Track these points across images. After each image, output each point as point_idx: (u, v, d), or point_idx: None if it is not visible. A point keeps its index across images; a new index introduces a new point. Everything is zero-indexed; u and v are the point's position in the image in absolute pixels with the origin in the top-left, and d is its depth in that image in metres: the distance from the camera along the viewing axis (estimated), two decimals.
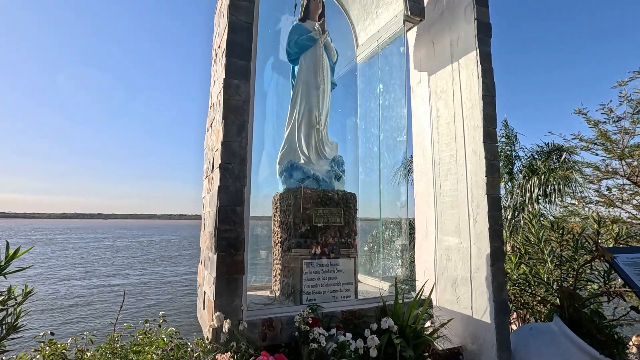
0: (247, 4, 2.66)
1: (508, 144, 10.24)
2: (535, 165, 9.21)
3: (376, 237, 4.33)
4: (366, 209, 4.07)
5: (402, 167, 4.93)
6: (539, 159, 9.58)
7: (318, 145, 3.27)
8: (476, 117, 3.27)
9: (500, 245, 3.11)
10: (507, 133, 10.58)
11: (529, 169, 9.13)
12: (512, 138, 10.66)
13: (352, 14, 4.30)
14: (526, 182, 8.69)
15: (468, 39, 3.39)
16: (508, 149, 10.57)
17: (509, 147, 10.61)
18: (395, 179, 4.20)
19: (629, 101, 6.94)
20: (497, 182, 3.21)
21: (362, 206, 4.02)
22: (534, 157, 10.09)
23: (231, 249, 2.42)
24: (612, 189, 7.97)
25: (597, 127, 7.48)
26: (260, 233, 3.64)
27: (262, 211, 3.58)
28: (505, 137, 10.59)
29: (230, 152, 2.48)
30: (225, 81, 2.53)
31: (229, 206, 2.45)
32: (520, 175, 9.25)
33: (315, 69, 3.29)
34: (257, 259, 3.73)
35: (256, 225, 3.57)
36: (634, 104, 6.85)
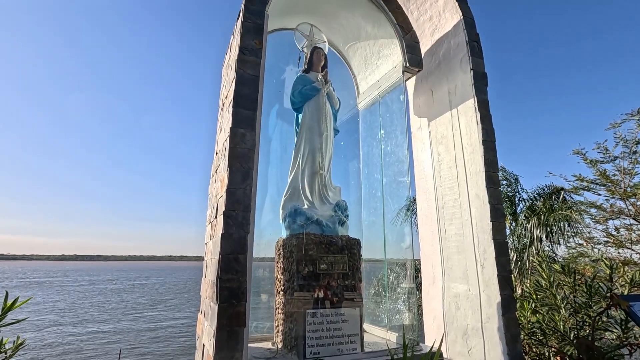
0: (254, 58, 2.81)
1: (509, 186, 10.29)
2: (536, 205, 9.17)
3: (382, 280, 4.21)
4: (371, 251, 4.00)
5: (404, 209, 4.92)
6: (540, 200, 9.56)
7: (321, 190, 3.29)
8: (477, 161, 3.31)
9: (510, 293, 3.01)
10: (506, 176, 10.67)
11: (529, 210, 9.07)
12: (512, 180, 10.74)
13: (353, 64, 4.51)
14: (527, 222, 8.61)
15: (465, 88, 3.52)
16: (509, 190, 10.60)
17: (510, 189, 10.64)
18: (398, 220, 4.17)
19: (624, 142, 7.05)
20: (503, 227, 3.17)
21: (367, 247, 3.95)
22: (535, 198, 10.09)
23: (233, 299, 2.35)
24: (620, 229, 7.85)
25: (596, 167, 7.53)
26: (261, 275, 3.55)
27: (264, 252, 3.53)
28: (505, 179, 10.67)
29: (234, 199, 2.49)
30: (232, 130, 2.61)
31: (232, 254, 2.41)
32: (522, 216, 9.17)
33: (319, 117, 3.40)
34: (259, 304, 3.61)
35: (258, 267, 3.50)
36: (630, 144, 6.95)
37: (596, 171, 7.57)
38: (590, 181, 8.10)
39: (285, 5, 3.69)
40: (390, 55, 3.92)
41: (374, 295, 4.54)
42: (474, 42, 3.55)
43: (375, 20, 3.82)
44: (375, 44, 4.05)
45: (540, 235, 8.73)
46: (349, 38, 4.27)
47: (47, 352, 14.69)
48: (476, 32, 3.60)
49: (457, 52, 3.64)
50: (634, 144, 7.00)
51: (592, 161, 7.60)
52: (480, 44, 3.59)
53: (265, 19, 2.96)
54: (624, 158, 7.10)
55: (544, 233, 8.79)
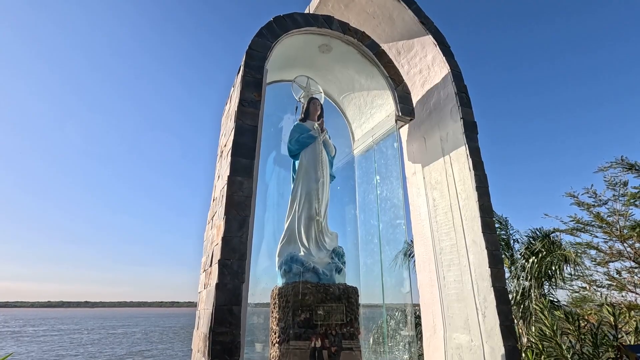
0: (253, 110, 2.93)
1: (502, 229, 10.28)
2: (534, 246, 9.09)
3: (381, 328, 4.06)
4: (369, 296, 3.89)
5: (401, 252, 4.85)
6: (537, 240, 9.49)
7: (318, 236, 3.28)
8: (472, 207, 3.34)
9: (514, 343, 2.92)
10: (497, 219, 10.69)
11: (527, 250, 8.98)
12: (503, 223, 10.74)
13: (348, 113, 4.70)
14: (526, 262, 8.48)
15: (456, 135, 3.66)
16: (503, 234, 10.56)
17: (504, 232, 10.61)
18: (396, 263, 4.10)
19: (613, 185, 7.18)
20: (502, 274, 3.14)
21: (365, 292, 3.84)
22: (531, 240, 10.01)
23: (226, 354, 2.25)
24: (622, 271, 7.75)
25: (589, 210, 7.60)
26: (256, 322, 3.41)
27: (259, 298, 3.41)
28: (499, 222, 10.67)
29: (230, 247, 2.48)
30: (230, 178, 2.65)
31: (226, 305, 2.35)
32: (521, 258, 9.05)
33: (315, 164, 3.47)
34: (253, 353, 3.42)
35: (252, 314, 3.37)
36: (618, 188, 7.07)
37: (590, 214, 7.63)
38: (586, 223, 8.13)
39: (283, 60, 3.91)
40: (383, 105, 4.10)
41: (374, 344, 4.34)
42: (462, 93, 3.74)
43: (368, 73, 4.04)
44: (368, 95, 4.26)
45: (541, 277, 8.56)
46: (344, 89, 4.48)
47: None
48: (464, 84, 3.80)
49: (447, 103, 3.83)
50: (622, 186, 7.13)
51: (585, 204, 7.69)
52: (468, 95, 3.79)
53: (264, 73, 3.13)
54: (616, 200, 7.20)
55: (545, 275, 8.62)
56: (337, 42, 3.86)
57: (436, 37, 3.92)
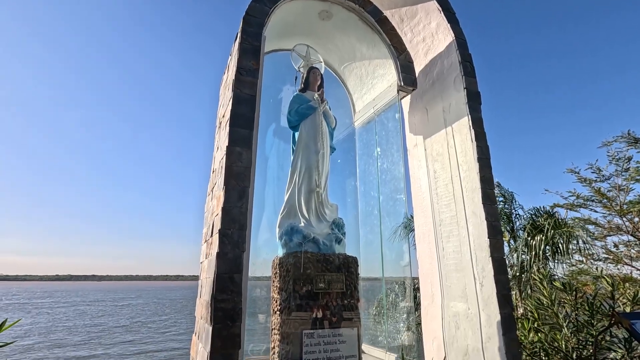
0: (251, 79, 2.86)
1: (505, 203, 10.30)
2: (539, 222, 9.15)
3: (381, 299, 4.15)
4: (369, 269, 3.95)
5: (401, 226, 4.88)
6: (541, 217, 9.55)
7: (318, 207, 3.28)
8: (473, 179, 3.32)
9: (510, 311, 2.97)
10: (503, 193, 10.70)
11: (532, 226, 9.05)
12: (509, 197, 10.76)
13: (349, 84, 4.60)
14: (531, 239, 8.56)
15: (459, 106, 3.58)
16: (506, 207, 10.60)
17: (507, 206, 10.65)
18: (396, 237, 4.14)
19: (616, 160, 7.12)
20: (501, 245, 3.16)
21: (365, 265, 3.89)
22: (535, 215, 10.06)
23: (228, 320, 2.30)
24: (619, 245, 7.83)
25: (591, 185, 7.59)
26: (258, 295, 3.48)
27: (260, 271, 3.46)
28: (502, 196, 10.69)
29: (230, 217, 2.48)
30: (228, 148, 2.62)
31: (227, 274, 2.38)
32: (524, 233, 9.14)
33: (315, 135, 3.43)
34: (255, 325, 3.51)
35: (254, 287, 3.43)
36: (621, 162, 7.02)
37: (591, 189, 7.61)
38: (586, 198, 8.14)
39: (282, 28, 3.78)
40: (385, 74, 4.00)
41: (374, 315, 4.45)
42: (466, 62, 3.63)
43: (370, 41, 3.92)
44: (370, 64, 4.14)
45: (545, 252, 8.67)
46: (345, 59, 4.36)
47: None
48: (468, 53, 3.68)
49: (451, 72, 3.72)
50: (626, 161, 7.07)
51: (587, 180, 7.66)
52: (472, 64, 3.67)
53: (262, 40, 3.03)
54: (618, 175, 7.16)
55: (550, 251, 8.73)
56: (338, 8, 3.71)
57: (441, 2, 3.76)
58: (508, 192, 11.13)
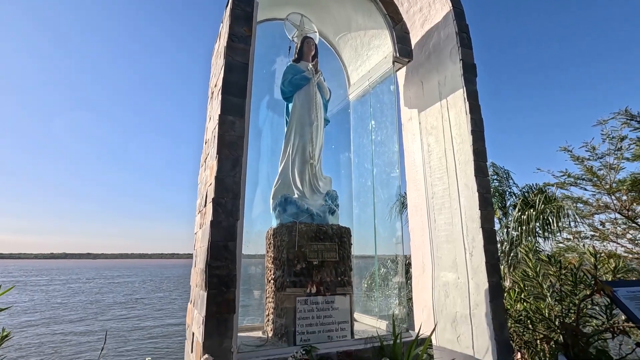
0: (244, 46, 2.78)
1: (499, 181, 10.44)
2: (530, 198, 9.32)
3: (374, 275, 4.24)
4: (362, 247, 4.01)
5: (396, 203, 4.93)
6: (532, 193, 9.72)
7: (312, 180, 3.29)
8: (466, 151, 3.34)
9: (498, 280, 3.06)
10: (497, 171, 10.83)
11: (523, 203, 9.22)
12: (504, 176, 10.90)
13: (344, 56, 4.51)
14: (522, 214, 8.75)
15: (455, 79, 3.55)
16: (500, 186, 10.75)
17: (500, 185, 10.80)
18: (390, 215, 4.18)
19: (610, 139, 7.19)
20: (491, 216, 3.21)
21: (359, 243, 3.96)
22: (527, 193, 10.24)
23: (222, 286, 2.34)
24: (606, 223, 8.02)
25: (583, 164, 7.68)
26: (253, 272, 3.53)
27: (255, 249, 3.50)
28: (496, 174, 10.82)
29: (223, 186, 2.48)
30: (221, 117, 2.58)
31: (221, 242, 2.40)
32: (515, 210, 9.32)
33: (309, 106, 3.39)
34: (250, 300, 3.58)
35: (249, 264, 3.48)
36: (615, 141, 7.10)
37: (583, 167, 7.71)
38: (577, 177, 8.25)
39: None
40: (380, 46, 3.92)
41: (367, 290, 4.55)
42: (463, 33, 3.57)
43: (366, 10, 3.82)
44: (365, 35, 4.05)
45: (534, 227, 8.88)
46: (340, 29, 4.26)
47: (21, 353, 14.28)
48: (466, 23, 3.62)
49: (447, 44, 3.66)
50: (619, 140, 7.14)
51: (579, 158, 7.75)
52: (469, 35, 3.62)
53: (255, 6, 2.94)
54: (610, 154, 7.25)
55: (540, 226, 8.93)
56: None
57: None
58: (503, 170, 11.26)
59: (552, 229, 8.90)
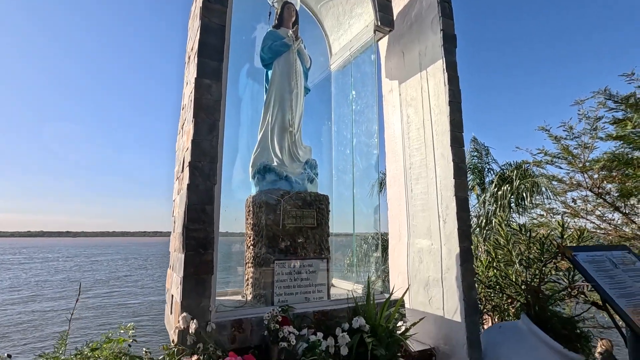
0: (220, 7, 2.70)
1: (479, 157, 10.71)
2: (506, 174, 9.64)
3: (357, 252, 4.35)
4: (343, 224, 4.07)
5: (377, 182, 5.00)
6: (509, 170, 10.04)
7: (291, 148, 3.30)
8: (444, 122, 3.40)
9: (468, 245, 3.20)
10: (477, 147, 11.08)
11: (500, 178, 9.54)
12: (483, 151, 11.16)
13: (325, 24, 4.43)
14: (498, 190, 9.07)
15: (435, 49, 3.56)
16: (479, 162, 11.03)
17: (479, 161, 11.08)
18: (371, 192, 4.26)
19: (587, 118, 7.41)
20: (465, 185, 3.32)
21: (338, 220, 4.02)
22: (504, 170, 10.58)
23: (200, 248, 2.37)
24: (577, 200, 8.38)
25: (560, 142, 7.93)
26: (238, 250, 3.57)
27: (241, 228, 3.52)
28: (476, 151, 11.07)
29: (200, 150, 2.47)
30: (197, 80, 2.54)
31: (199, 205, 2.41)
32: (492, 185, 9.63)
33: (289, 74, 3.35)
34: (236, 275, 3.62)
35: (235, 242, 3.51)
36: (591, 121, 7.32)
37: (559, 146, 7.95)
38: (553, 155, 8.51)
39: None
40: (362, 14, 3.87)
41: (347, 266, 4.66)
42: (445, 3, 3.56)
43: None
44: (347, 2, 3.98)
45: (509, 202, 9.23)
46: None
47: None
48: None
49: (429, 13, 3.65)
50: (595, 120, 7.36)
51: (557, 137, 7.97)
52: (451, 5, 3.61)
53: None
54: (585, 134, 7.48)
55: (515, 201, 9.29)
56: None
57: None
58: (483, 146, 11.50)
59: (526, 204, 9.28)
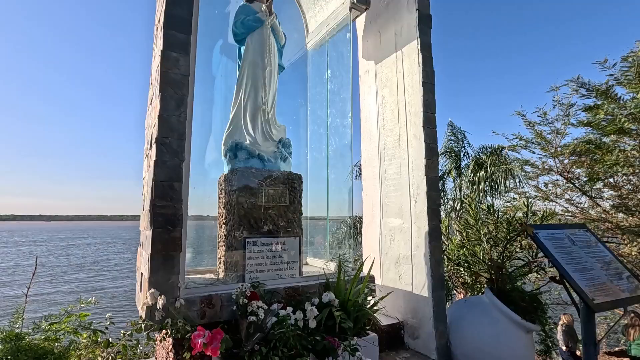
0: None
1: (455, 141, 10.92)
2: (482, 160, 9.90)
3: (336, 234, 4.40)
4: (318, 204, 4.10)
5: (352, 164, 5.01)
6: (485, 155, 10.31)
7: (264, 126, 3.26)
8: (417, 103, 3.43)
9: (437, 223, 3.30)
10: (454, 132, 11.28)
11: (476, 164, 9.79)
12: (460, 136, 11.38)
13: (302, 1, 4.34)
14: (474, 175, 9.33)
15: (410, 29, 3.56)
16: (456, 146, 11.26)
17: (456, 145, 11.31)
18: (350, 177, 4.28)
19: (560, 105, 7.64)
20: (435, 165, 3.39)
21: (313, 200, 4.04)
22: (479, 154, 10.85)
23: (168, 225, 2.35)
24: (548, 184, 8.72)
25: (534, 128, 8.16)
26: (216, 233, 3.55)
27: (211, 210, 3.48)
28: (453, 135, 11.28)
29: (167, 126, 2.41)
30: (163, 53, 2.45)
31: (167, 182, 2.38)
32: (469, 170, 9.88)
33: (262, 50, 3.28)
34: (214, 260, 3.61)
35: (213, 226, 3.48)
36: (565, 108, 7.55)
37: (534, 131, 8.17)
38: (528, 140, 8.75)
39: None
40: None
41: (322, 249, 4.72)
42: None
43: None
44: None
45: (485, 187, 9.53)
46: None
47: None
48: None
49: None
50: (568, 107, 7.58)
51: (531, 123, 8.18)
52: None
53: None
54: (558, 120, 7.71)
55: (489, 185, 9.59)
56: None
57: None
58: (460, 130, 11.71)
59: (500, 189, 9.59)
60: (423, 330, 3.24)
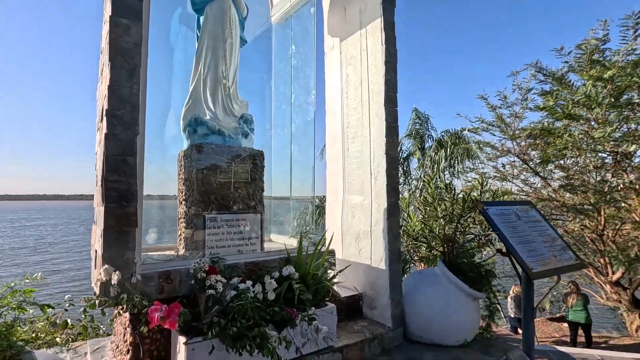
0: None
1: (420, 124, 11.26)
2: (444, 141, 10.31)
3: (304, 213, 4.42)
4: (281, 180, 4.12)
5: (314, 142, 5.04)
6: (447, 136, 10.72)
7: (225, 101, 3.19)
8: (379, 82, 3.47)
9: (396, 200, 3.42)
10: (419, 115, 11.60)
11: (438, 144, 10.18)
12: (424, 119, 11.72)
13: None
14: (435, 155, 9.71)
15: (374, 7, 3.55)
16: (420, 128, 11.59)
17: (421, 127, 11.65)
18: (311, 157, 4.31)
19: (520, 89, 7.98)
20: (395, 144, 3.49)
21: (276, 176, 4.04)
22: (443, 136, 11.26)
23: (122, 200, 2.29)
24: (506, 165, 9.20)
25: (495, 111, 8.50)
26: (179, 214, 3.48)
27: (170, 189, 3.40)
28: (418, 118, 11.61)
29: (118, 97, 2.30)
30: (112, 19, 2.31)
31: (119, 156, 2.29)
32: (431, 150, 10.27)
33: (222, 21, 3.16)
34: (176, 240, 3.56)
35: (177, 207, 3.40)
36: (523, 92, 7.91)
37: (495, 115, 8.51)
38: (489, 123, 9.12)
39: None
40: None
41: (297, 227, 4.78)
42: None
43: None
44: None
45: (445, 166, 9.93)
46: None
47: None
48: None
49: None
50: (526, 91, 7.93)
51: (493, 106, 8.50)
52: None
53: None
54: (517, 103, 8.06)
55: (449, 164, 10.00)
56: None
57: None
58: (424, 114, 12.06)
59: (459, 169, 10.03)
60: (380, 301, 3.41)
